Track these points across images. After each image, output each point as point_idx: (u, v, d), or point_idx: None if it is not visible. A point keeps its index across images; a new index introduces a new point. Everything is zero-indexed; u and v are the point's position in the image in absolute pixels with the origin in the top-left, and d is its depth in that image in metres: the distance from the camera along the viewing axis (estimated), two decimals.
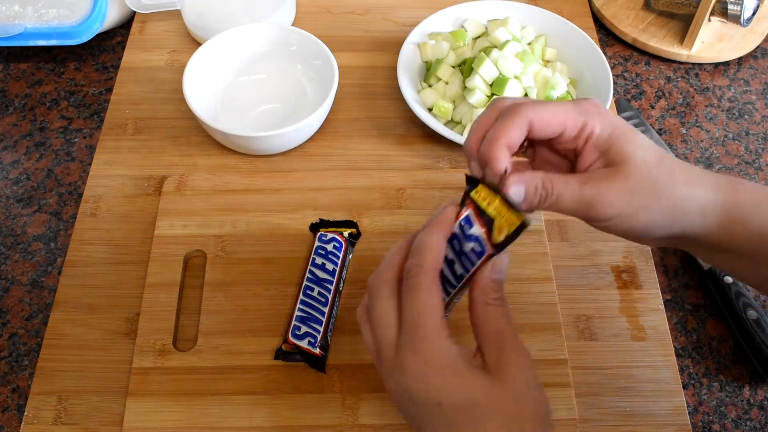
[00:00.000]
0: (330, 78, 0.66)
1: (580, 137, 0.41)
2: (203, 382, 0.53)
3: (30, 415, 0.52)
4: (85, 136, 0.70)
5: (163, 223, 0.60)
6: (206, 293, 0.57)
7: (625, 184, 0.39)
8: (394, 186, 0.63)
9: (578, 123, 0.41)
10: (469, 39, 0.72)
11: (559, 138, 0.42)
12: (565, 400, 0.52)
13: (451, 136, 0.64)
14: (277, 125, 0.63)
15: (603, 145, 0.41)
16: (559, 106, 0.41)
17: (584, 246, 0.61)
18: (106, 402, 0.53)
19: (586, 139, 0.41)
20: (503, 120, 0.41)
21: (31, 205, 0.65)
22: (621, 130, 0.41)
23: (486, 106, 0.65)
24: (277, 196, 0.62)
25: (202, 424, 0.51)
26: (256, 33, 0.70)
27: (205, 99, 0.67)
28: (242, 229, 0.60)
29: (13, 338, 0.57)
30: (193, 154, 0.67)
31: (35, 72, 0.76)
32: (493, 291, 0.39)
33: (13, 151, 0.69)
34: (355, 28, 0.79)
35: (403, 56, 0.70)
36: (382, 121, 0.70)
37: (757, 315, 0.56)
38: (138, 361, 0.53)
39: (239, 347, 0.54)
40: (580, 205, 0.40)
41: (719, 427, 0.54)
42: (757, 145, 0.71)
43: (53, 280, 0.60)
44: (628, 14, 0.80)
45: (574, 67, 0.71)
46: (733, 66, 0.78)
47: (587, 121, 0.41)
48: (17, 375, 0.55)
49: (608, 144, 0.40)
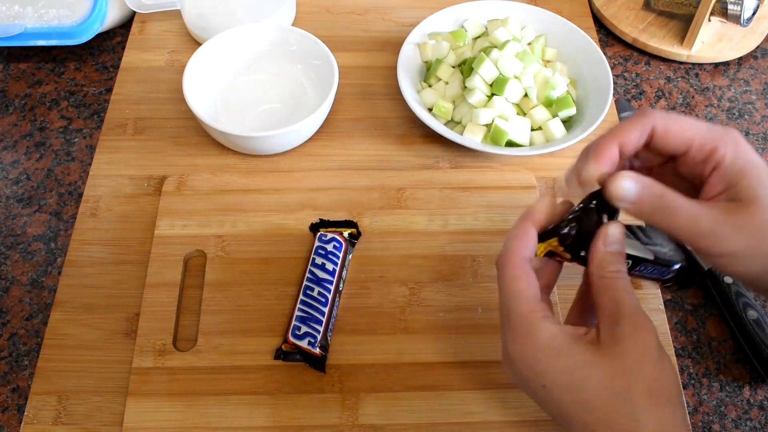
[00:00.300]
0: (330, 78, 0.66)
1: (708, 162, 0.38)
2: (203, 382, 0.53)
3: (30, 415, 0.52)
4: (85, 136, 0.70)
5: (163, 223, 0.60)
6: (206, 293, 0.57)
7: (751, 223, 0.36)
8: (394, 186, 0.63)
9: (708, 145, 0.37)
10: (469, 39, 0.72)
11: (684, 157, 0.38)
12: None
13: (451, 136, 0.64)
14: (277, 125, 0.63)
15: (732, 177, 0.37)
16: (692, 121, 0.38)
17: None
18: (106, 402, 0.53)
19: (715, 167, 0.37)
20: (625, 120, 0.38)
21: (31, 205, 0.65)
22: (754, 166, 0.37)
23: (486, 106, 0.65)
24: (277, 196, 0.62)
25: (202, 424, 0.51)
26: (256, 33, 0.70)
27: (205, 99, 0.67)
28: (242, 229, 0.60)
29: (13, 338, 0.57)
30: (193, 154, 0.67)
31: (35, 72, 0.76)
32: (610, 264, 0.38)
33: (13, 151, 0.69)
34: (354, 28, 0.79)
35: (403, 56, 0.70)
36: (382, 121, 0.70)
37: (757, 315, 0.56)
38: (138, 361, 0.53)
39: (239, 347, 0.54)
40: (697, 231, 0.37)
41: (719, 427, 0.54)
42: (757, 145, 0.71)
43: (53, 280, 0.60)
44: (628, 14, 0.80)
45: (574, 67, 0.71)
46: (733, 66, 0.78)
47: (718, 147, 0.37)
48: (17, 375, 0.55)
49: (738, 177, 0.37)
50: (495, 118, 0.65)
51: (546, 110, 0.66)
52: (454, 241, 0.60)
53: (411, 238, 0.60)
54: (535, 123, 0.66)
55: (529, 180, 0.64)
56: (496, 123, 0.64)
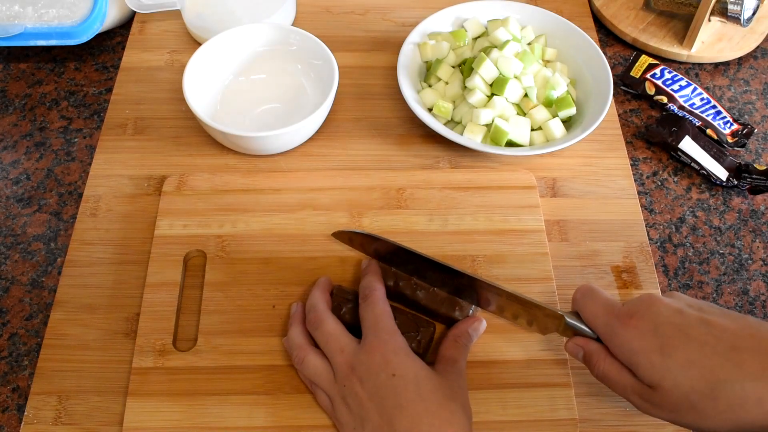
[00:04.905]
0: (330, 78, 0.66)
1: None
2: (203, 382, 0.53)
3: (30, 415, 0.52)
4: (85, 136, 0.70)
5: (163, 223, 0.60)
6: (206, 293, 0.57)
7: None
8: (394, 186, 0.63)
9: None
10: (469, 39, 0.72)
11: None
12: (565, 400, 0.52)
13: (451, 136, 0.64)
14: (277, 125, 0.63)
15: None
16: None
17: (584, 246, 0.61)
18: (106, 402, 0.53)
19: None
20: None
21: (31, 205, 0.65)
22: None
23: (486, 106, 0.65)
24: (277, 196, 0.62)
25: (202, 424, 0.51)
26: (256, 33, 0.70)
27: (205, 99, 0.67)
28: (242, 229, 0.60)
29: (13, 338, 0.57)
30: (193, 154, 0.67)
31: (35, 72, 0.76)
32: (465, 338, 0.53)
33: (13, 151, 0.69)
34: (354, 28, 0.79)
35: (403, 56, 0.70)
36: (382, 121, 0.70)
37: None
38: (138, 361, 0.53)
39: (239, 347, 0.54)
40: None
41: None
42: (758, 145, 0.71)
43: (53, 280, 0.60)
44: (628, 14, 0.80)
45: (574, 67, 0.71)
46: (733, 66, 0.78)
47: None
48: (17, 375, 0.55)
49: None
50: (495, 118, 0.65)
51: (546, 110, 0.66)
52: (454, 241, 0.60)
53: (411, 238, 0.60)
54: (535, 123, 0.66)
55: (529, 180, 0.64)
56: (496, 123, 0.64)
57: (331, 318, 0.52)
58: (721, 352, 0.41)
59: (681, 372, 0.41)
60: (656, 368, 0.42)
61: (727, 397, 0.40)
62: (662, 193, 0.67)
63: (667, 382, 0.42)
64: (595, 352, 0.47)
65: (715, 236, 0.64)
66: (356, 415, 0.48)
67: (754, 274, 0.61)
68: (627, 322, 0.44)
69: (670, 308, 0.44)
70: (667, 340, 0.42)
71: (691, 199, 0.66)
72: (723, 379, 0.40)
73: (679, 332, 0.42)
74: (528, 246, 0.60)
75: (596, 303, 0.47)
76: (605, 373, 0.46)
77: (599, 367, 0.46)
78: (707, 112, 0.71)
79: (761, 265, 0.62)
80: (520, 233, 0.60)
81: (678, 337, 0.42)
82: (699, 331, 0.42)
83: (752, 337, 0.41)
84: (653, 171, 0.68)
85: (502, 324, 0.55)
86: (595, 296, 0.47)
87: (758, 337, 0.41)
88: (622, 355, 0.44)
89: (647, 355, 0.43)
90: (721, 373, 0.40)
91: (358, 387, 0.48)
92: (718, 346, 0.41)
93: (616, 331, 0.45)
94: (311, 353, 0.51)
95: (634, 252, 0.61)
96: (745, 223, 0.65)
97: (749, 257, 0.63)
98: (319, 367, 0.50)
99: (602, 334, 0.46)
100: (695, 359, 0.41)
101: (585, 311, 0.47)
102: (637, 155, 0.69)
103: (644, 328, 0.43)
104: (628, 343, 0.44)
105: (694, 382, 0.41)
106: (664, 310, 0.44)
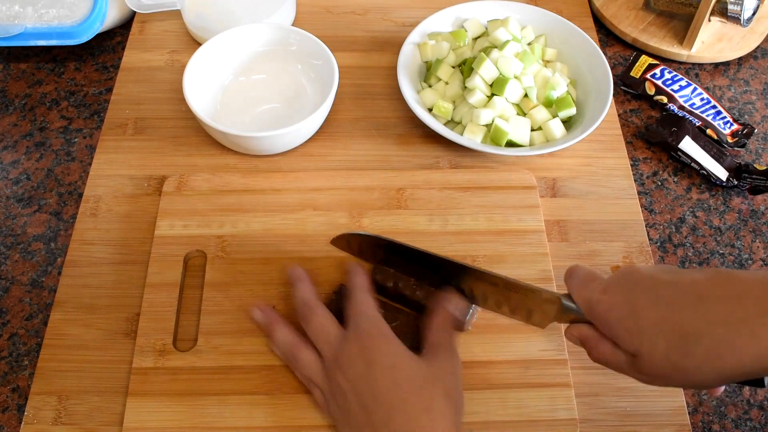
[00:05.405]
0: (330, 78, 0.66)
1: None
2: (203, 382, 0.53)
3: (30, 415, 0.52)
4: (85, 136, 0.70)
5: (163, 223, 0.60)
6: (206, 293, 0.57)
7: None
8: (394, 186, 0.63)
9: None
10: (469, 39, 0.72)
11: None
12: (565, 400, 0.52)
13: (451, 136, 0.64)
14: (277, 125, 0.63)
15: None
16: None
17: (584, 246, 0.61)
18: (106, 402, 0.53)
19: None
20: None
21: (31, 205, 0.65)
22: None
23: (486, 106, 0.65)
24: (277, 196, 0.62)
25: (202, 424, 0.51)
26: (256, 33, 0.70)
27: (205, 99, 0.67)
28: (242, 229, 0.60)
29: (13, 338, 0.57)
30: (193, 154, 0.67)
31: (35, 72, 0.76)
32: (446, 319, 0.51)
33: (13, 151, 0.69)
34: (354, 28, 0.79)
35: (403, 56, 0.70)
36: (382, 121, 0.70)
37: None
38: (138, 361, 0.53)
39: (239, 347, 0.54)
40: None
41: (719, 427, 0.54)
42: (758, 145, 0.71)
43: (53, 280, 0.60)
44: (628, 14, 0.80)
45: (574, 67, 0.71)
46: (733, 66, 0.78)
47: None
48: (17, 375, 0.55)
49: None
50: (495, 118, 0.65)
51: (546, 110, 0.66)
52: (454, 242, 0.60)
53: (411, 238, 0.59)
54: (535, 123, 0.66)
55: (529, 180, 0.64)
56: (496, 123, 0.64)
57: (322, 308, 0.51)
58: (689, 304, 0.40)
59: (654, 333, 0.40)
60: (632, 335, 0.41)
61: (701, 349, 0.39)
62: (662, 193, 0.67)
63: (645, 347, 0.41)
64: (590, 337, 0.45)
65: (715, 236, 0.64)
66: (342, 409, 0.47)
67: None
68: (603, 294, 0.44)
69: (642, 274, 0.43)
70: (638, 304, 0.42)
71: (691, 199, 0.66)
72: (693, 331, 0.39)
73: (648, 294, 0.42)
74: (528, 246, 0.60)
75: (579, 280, 0.46)
76: (602, 355, 0.44)
77: (595, 352, 0.45)
78: (707, 112, 0.71)
79: (761, 265, 0.62)
80: (520, 233, 0.60)
81: (647, 299, 0.41)
82: (668, 290, 0.41)
83: (720, 284, 0.40)
84: (653, 171, 0.68)
85: (503, 324, 0.55)
86: (578, 274, 0.46)
87: (726, 284, 0.40)
88: (604, 328, 0.43)
89: (622, 323, 0.42)
90: (690, 326, 0.39)
91: (341, 378, 0.47)
92: (686, 300, 0.40)
93: (595, 305, 0.44)
94: (303, 349, 0.50)
95: (634, 252, 0.61)
96: (745, 224, 0.65)
97: (749, 257, 0.63)
98: (312, 362, 0.50)
99: (585, 311, 0.45)
100: (665, 317, 0.40)
101: (571, 290, 0.46)
102: (637, 155, 0.69)
103: (618, 299, 0.43)
104: (605, 314, 0.43)
105: (668, 339, 0.40)
106: (637, 277, 0.43)
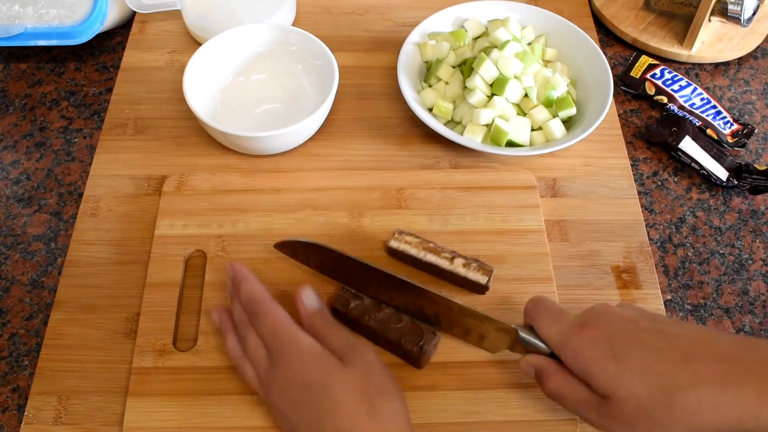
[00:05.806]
0: (330, 78, 0.66)
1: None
2: (203, 382, 0.53)
3: (30, 415, 0.52)
4: (85, 136, 0.70)
5: (164, 223, 0.60)
6: (206, 293, 0.57)
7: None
8: (394, 186, 0.63)
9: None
10: (469, 39, 0.72)
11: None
12: None
13: (451, 136, 0.64)
14: (277, 125, 0.63)
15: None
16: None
17: (584, 246, 0.61)
18: (106, 402, 0.53)
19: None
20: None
21: (31, 205, 0.65)
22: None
23: (486, 106, 0.65)
24: (277, 196, 0.62)
25: (202, 424, 0.51)
26: (256, 33, 0.70)
27: (205, 99, 0.67)
28: (242, 229, 0.60)
29: (13, 338, 0.57)
30: (193, 154, 0.67)
31: (35, 72, 0.76)
32: (312, 316, 0.50)
33: (13, 151, 0.69)
34: (355, 28, 0.79)
35: (403, 56, 0.70)
36: (382, 121, 0.70)
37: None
38: (138, 361, 0.53)
39: None
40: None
41: None
42: (758, 145, 0.71)
43: (53, 280, 0.60)
44: (628, 14, 0.80)
45: (574, 67, 0.71)
46: (733, 66, 0.78)
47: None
48: (17, 375, 0.55)
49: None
50: (495, 118, 0.65)
51: (546, 110, 0.66)
52: (454, 242, 0.60)
53: None
54: (535, 123, 0.66)
55: (529, 180, 0.64)
56: (496, 123, 0.64)
57: (275, 306, 0.50)
58: (675, 358, 0.41)
59: (635, 379, 0.41)
60: (610, 376, 0.41)
61: (682, 404, 0.39)
62: (662, 193, 0.67)
63: (622, 391, 0.41)
64: (546, 368, 0.45)
65: (715, 236, 0.64)
66: (288, 425, 0.47)
67: (754, 274, 0.61)
68: (580, 330, 0.44)
69: (623, 317, 0.44)
70: (621, 347, 0.42)
71: (692, 199, 0.66)
72: (678, 385, 0.40)
73: (632, 339, 0.42)
74: (528, 246, 0.60)
75: (549, 314, 0.46)
76: (557, 389, 0.45)
77: (551, 382, 0.45)
78: (707, 112, 0.71)
79: (761, 265, 0.62)
80: (520, 233, 0.60)
81: (631, 344, 0.42)
82: (652, 338, 0.42)
83: (705, 344, 0.41)
84: (653, 171, 0.68)
85: None
86: (547, 307, 0.47)
87: (711, 344, 0.41)
88: (576, 365, 0.43)
89: (601, 362, 0.42)
90: (675, 379, 0.40)
91: (280, 401, 0.47)
92: (672, 353, 0.41)
93: (570, 341, 0.44)
94: (246, 364, 0.50)
95: (634, 252, 0.61)
96: (745, 224, 0.65)
97: (749, 257, 0.63)
98: (253, 378, 0.49)
99: (555, 345, 0.45)
100: (649, 366, 0.41)
101: (538, 322, 0.46)
102: (637, 155, 0.69)
103: (598, 337, 0.43)
104: (581, 351, 0.43)
105: (649, 389, 0.40)
106: (617, 319, 0.44)
